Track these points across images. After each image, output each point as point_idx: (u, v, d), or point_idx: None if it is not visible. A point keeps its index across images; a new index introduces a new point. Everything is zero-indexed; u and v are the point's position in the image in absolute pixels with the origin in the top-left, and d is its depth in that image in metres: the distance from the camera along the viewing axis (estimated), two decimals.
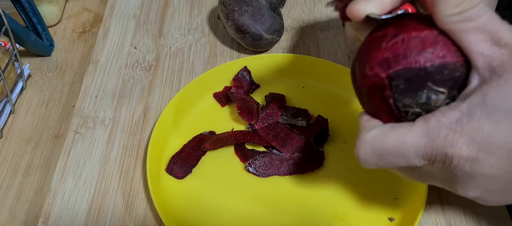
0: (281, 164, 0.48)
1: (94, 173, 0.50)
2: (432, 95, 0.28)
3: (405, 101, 0.29)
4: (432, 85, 0.28)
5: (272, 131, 0.50)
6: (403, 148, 0.28)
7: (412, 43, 0.28)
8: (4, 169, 0.52)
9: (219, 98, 0.55)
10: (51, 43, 0.64)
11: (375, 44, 0.30)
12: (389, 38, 0.29)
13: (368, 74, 0.29)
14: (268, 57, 0.56)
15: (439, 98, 0.28)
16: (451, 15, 0.27)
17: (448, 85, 0.28)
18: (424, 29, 0.29)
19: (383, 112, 0.30)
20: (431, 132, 0.27)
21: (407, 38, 0.28)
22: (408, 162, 0.29)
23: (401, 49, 0.28)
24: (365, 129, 0.30)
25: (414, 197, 0.44)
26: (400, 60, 0.28)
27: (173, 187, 0.48)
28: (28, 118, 0.57)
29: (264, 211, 0.46)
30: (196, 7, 0.67)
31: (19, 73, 0.59)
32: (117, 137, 0.52)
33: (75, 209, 0.47)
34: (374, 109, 0.31)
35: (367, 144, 0.29)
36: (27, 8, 0.59)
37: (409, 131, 0.28)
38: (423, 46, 0.28)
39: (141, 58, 0.61)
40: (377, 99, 0.30)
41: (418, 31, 0.28)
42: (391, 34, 0.29)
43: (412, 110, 0.29)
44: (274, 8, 0.58)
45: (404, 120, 0.29)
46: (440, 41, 0.28)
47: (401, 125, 0.29)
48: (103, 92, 0.57)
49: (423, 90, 0.28)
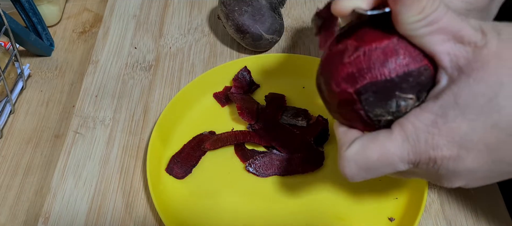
0: (281, 164, 0.48)
1: (94, 173, 0.50)
2: (401, 102, 0.29)
3: (376, 111, 0.29)
4: (400, 93, 0.28)
5: (272, 131, 0.50)
6: (387, 159, 0.29)
7: (374, 56, 0.28)
8: (4, 169, 0.52)
9: (219, 98, 0.55)
10: (51, 43, 0.64)
11: (337, 59, 0.30)
12: (350, 52, 0.29)
13: (335, 90, 0.30)
14: (268, 57, 0.56)
15: (408, 104, 0.29)
16: (414, 23, 0.27)
17: (415, 90, 0.29)
18: (383, 38, 0.29)
19: (357, 122, 0.31)
20: (410, 137, 0.28)
21: (369, 50, 0.28)
22: (395, 169, 0.29)
23: (364, 63, 0.28)
24: (344, 145, 0.31)
25: (414, 197, 0.44)
26: (365, 74, 0.28)
27: (173, 187, 0.48)
28: (28, 118, 0.57)
29: (264, 211, 0.46)
30: (196, 7, 0.67)
31: (19, 73, 0.59)
32: (117, 137, 0.52)
33: (75, 209, 0.47)
34: (347, 120, 0.31)
35: (351, 162, 0.30)
36: (27, 8, 0.59)
37: (389, 140, 0.29)
38: (385, 57, 0.28)
39: (141, 58, 0.61)
40: (348, 111, 0.30)
41: (378, 41, 0.28)
42: (352, 48, 0.29)
43: (384, 118, 0.29)
44: (274, 8, 0.58)
45: (379, 127, 0.30)
46: (401, 49, 0.28)
47: (379, 135, 0.29)
48: (103, 92, 0.57)
49: (392, 99, 0.28)
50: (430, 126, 0.27)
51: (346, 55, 0.29)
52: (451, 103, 0.27)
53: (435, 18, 0.27)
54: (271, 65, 0.56)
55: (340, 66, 0.29)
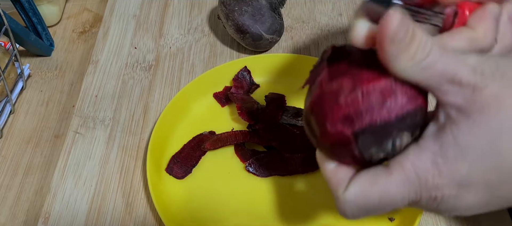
0: (281, 164, 0.48)
1: (94, 173, 0.50)
2: (397, 141, 0.28)
3: (371, 151, 0.29)
4: (397, 133, 0.28)
5: (272, 131, 0.50)
6: (388, 199, 0.29)
7: (373, 97, 0.27)
8: (4, 169, 0.52)
9: (219, 98, 0.55)
10: (51, 43, 0.64)
11: (331, 98, 0.29)
12: (347, 92, 0.28)
13: (330, 131, 0.29)
14: (268, 57, 0.56)
15: (403, 142, 0.29)
16: (406, 69, 0.27)
17: (411, 129, 0.28)
18: (379, 77, 0.28)
19: (347, 159, 0.30)
20: (410, 178, 0.28)
21: (366, 91, 0.28)
22: (395, 207, 0.29)
23: (362, 105, 0.28)
24: (340, 186, 0.30)
25: None
26: (364, 116, 0.28)
27: (173, 187, 0.48)
28: (28, 118, 0.57)
29: (264, 211, 0.46)
30: (196, 7, 0.67)
31: (19, 73, 0.59)
32: (117, 137, 0.52)
33: (75, 209, 0.47)
34: (337, 156, 0.31)
35: (351, 204, 0.29)
36: (27, 8, 0.59)
37: (389, 181, 0.28)
38: (383, 98, 0.27)
39: (141, 58, 0.61)
40: (341, 150, 0.30)
41: (374, 81, 0.28)
42: (348, 87, 0.28)
43: (378, 155, 0.29)
44: (274, 8, 0.58)
45: (370, 164, 0.30)
46: (398, 89, 0.28)
47: (378, 176, 0.29)
48: (103, 92, 0.57)
49: (388, 139, 0.28)
50: (430, 166, 0.27)
51: (342, 95, 0.28)
52: (451, 143, 0.27)
53: (428, 64, 0.27)
54: (271, 65, 0.56)
55: (336, 106, 0.28)
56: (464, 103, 0.26)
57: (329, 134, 0.29)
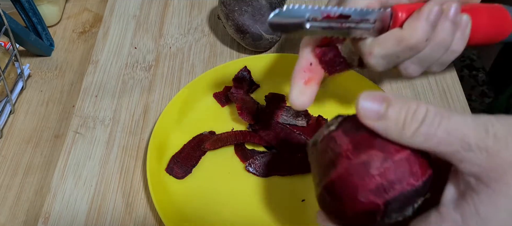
0: (281, 164, 0.48)
1: (94, 173, 0.50)
2: (416, 205, 0.29)
3: (392, 216, 0.30)
4: (418, 198, 0.29)
5: (272, 131, 0.50)
6: None
7: (402, 167, 0.28)
8: (4, 169, 0.52)
9: (219, 98, 0.55)
10: (51, 43, 0.64)
11: (363, 170, 0.29)
12: (378, 163, 0.29)
13: (361, 201, 0.29)
14: (268, 57, 0.56)
15: (418, 205, 0.30)
16: (410, 140, 0.27)
17: (426, 193, 0.30)
18: (402, 148, 0.29)
19: (365, 223, 0.31)
20: None
21: (395, 162, 0.28)
22: None
23: (393, 175, 0.28)
24: None
25: None
26: (395, 185, 0.28)
27: (173, 187, 0.48)
28: (28, 118, 0.57)
29: (264, 211, 0.46)
30: (196, 7, 0.67)
31: (19, 73, 0.59)
32: (117, 137, 0.52)
33: (75, 209, 0.47)
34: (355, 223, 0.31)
35: None
36: (27, 8, 0.59)
37: None
38: (410, 167, 0.28)
39: (141, 58, 0.61)
40: (364, 218, 0.30)
41: (400, 151, 0.28)
42: (378, 159, 0.29)
43: (397, 219, 0.30)
44: (274, 8, 0.58)
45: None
46: (418, 158, 0.29)
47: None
48: (103, 92, 0.57)
49: (410, 205, 0.29)
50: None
51: (373, 167, 0.28)
52: (472, 213, 0.26)
53: (427, 133, 0.26)
54: (271, 65, 0.56)
55: (367, 177, 0.29)
56: (481, 170, 0.26)
57: (360, 203, 0.29)
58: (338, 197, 0.30)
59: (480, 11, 0.42)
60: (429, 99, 0.54)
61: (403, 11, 0.36)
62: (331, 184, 0.30)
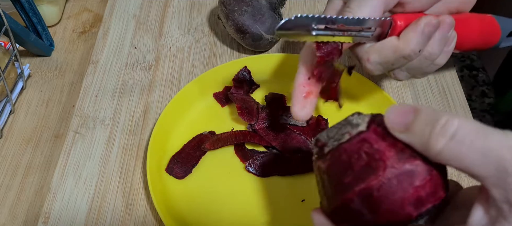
0: (281, 164, 0.48)
1: (94, 173, 0.50)
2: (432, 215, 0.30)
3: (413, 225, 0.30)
4: (443, 208, 0.30)
5: (272, 131, 0.50)
6: None
7: (437, 179, 0.28)
8: (4, 169, 0.52)
9: (219, 98, 0.55)
10: (51, 43, 0.64)
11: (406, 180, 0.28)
12: (423, 175, 0.28)
13: (399, 212, 0.28)
14: (268, 57, 0.56)
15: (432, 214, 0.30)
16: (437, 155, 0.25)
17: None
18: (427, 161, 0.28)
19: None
20: None
21: (433, 174, 0.28)
22: None
23: (432, 187, 0.28)
24: None
25: None
26: (430, 198, 0.28)
27: (173, 187, 0.48)
28: (28, 118, 0.57)
29: (264, 211, 0.46)
30: (196, 7, 0.67)
31: (19, 73, 0.59)
32: (117, 137, 0.52)
33: (75, 209, 0.47)
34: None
35: None
36: (27, 8, 0.59)
37: None
38: (442, 179, 0.29)
39: (141, 58, 0.61)
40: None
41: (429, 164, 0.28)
42: (423, 170, 0.28)
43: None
44: (274, 8, 0.58)
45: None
46: (445, 167, 0.29)
47: None
48: (103, 92, 0.57)
49: (429, 215, 0.29)
50: None
51: (417, 178, 0.28)
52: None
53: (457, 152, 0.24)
54: (271, 65, 0.56)
55: (412, 189, 0.28)
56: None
57: (396, 214, 0.29)
58: (374, 205, 0.29)
59: (471, 21, 0.44)
60: (429, 99, 0.54)
61: (402, 20, 0.38)
62: (368, 190, 0.29)
